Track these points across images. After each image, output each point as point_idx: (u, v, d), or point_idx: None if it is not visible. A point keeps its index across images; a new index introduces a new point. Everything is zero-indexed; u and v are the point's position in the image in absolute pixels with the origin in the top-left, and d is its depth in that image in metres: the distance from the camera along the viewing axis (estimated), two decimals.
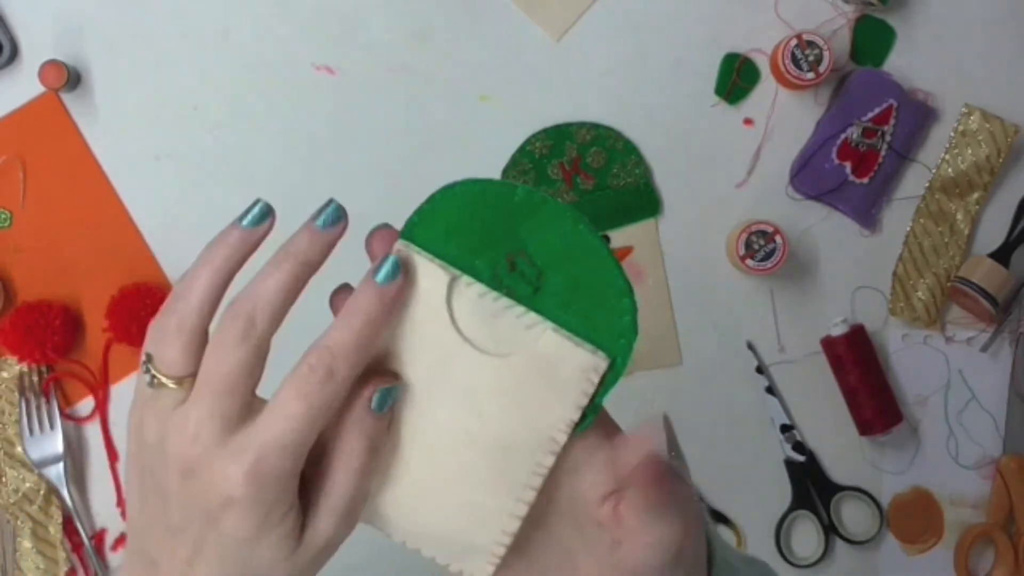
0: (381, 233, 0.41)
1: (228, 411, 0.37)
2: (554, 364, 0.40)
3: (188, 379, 0.38)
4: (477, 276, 0.40)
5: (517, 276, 0.40)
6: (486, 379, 0.40)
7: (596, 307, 0.40)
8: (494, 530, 0.41)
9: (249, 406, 0.38)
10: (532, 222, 0.40)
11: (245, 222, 0.40)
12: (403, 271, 0.39)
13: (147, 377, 0.39)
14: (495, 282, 0.40)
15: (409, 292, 0.40)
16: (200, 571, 0.39)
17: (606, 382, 0.40)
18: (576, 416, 0.40)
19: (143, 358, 0.39)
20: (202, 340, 0.38)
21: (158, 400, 0.38)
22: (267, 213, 0.41)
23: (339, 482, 0.39)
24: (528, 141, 0.89)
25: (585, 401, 0.40)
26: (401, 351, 0.40)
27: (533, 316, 0.40)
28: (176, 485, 0.38)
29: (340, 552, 0.41)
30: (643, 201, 0.90)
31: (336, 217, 0.40)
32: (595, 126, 0.90)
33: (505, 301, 0.40)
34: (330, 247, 0.40)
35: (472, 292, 0.40)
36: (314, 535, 0.39)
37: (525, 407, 0.40)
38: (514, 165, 0.90)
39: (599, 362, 0.40)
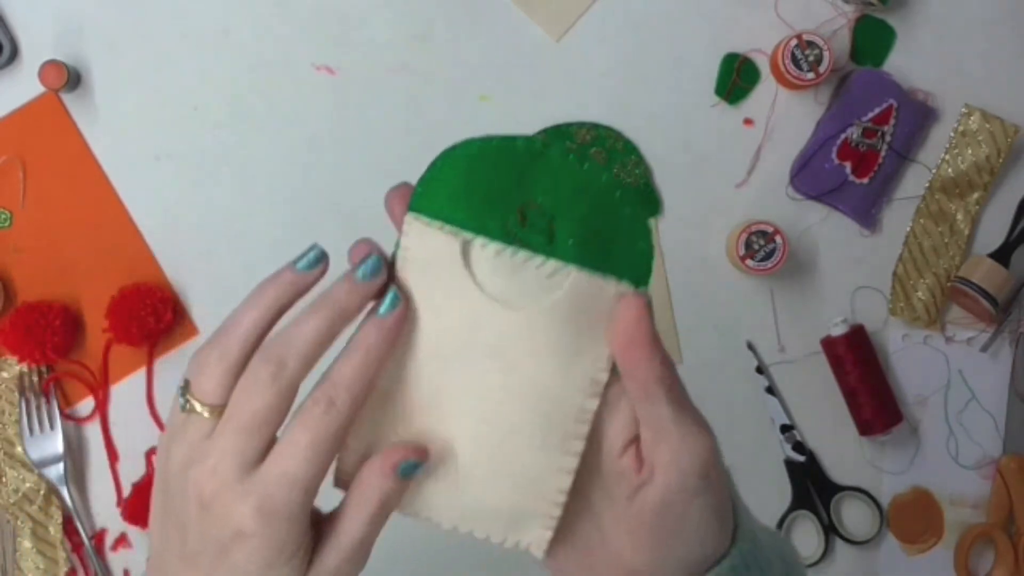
0: (400, 191, 0.41)
1: (248, 449, 0.38)
2: (582, 305, 0.40)
3: (220, 409, 0.39)
4: (489, 235, 0.40)
5: (529, 228, 0.40)
6: (518, 335, 0.40)
7: (612, 239, 0.40)
8: (548, 490, 0.41)
9: (269, 446, 0.39)
10: (536, 171, 0.40)
11: (299, 265, 0.41)
12: (403, 300, 0.39)
13: (181, 401, 0.40)
14: (508, 238, 0.40)
15: (427, 263, 0.40)
16: None
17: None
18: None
19: (180, 383, 0.40)
20: (240, 373, 0.39)
21: (188, 428, 0.39)
22: (321, 258, 0.41)
23: (350, 524, 0.39)
24: None
25: None
26: (430, 325, 0.40)
27: (553, 263, 0.40)
28: (194, 514, 0.39)
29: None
30: (643, 201, 0.90)
31: (376, 269, 0.40)
32: (595, 126, 0.90)
33: (523, 254, 0.40)
34: (368, 298, 0.40)
35: (488, 252, 0.40)
36: (320, 571, 0.39)
37: (561, 355, 0.40)
38: None
39: (625, 291, 0.40)
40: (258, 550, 0.38)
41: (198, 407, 0.39)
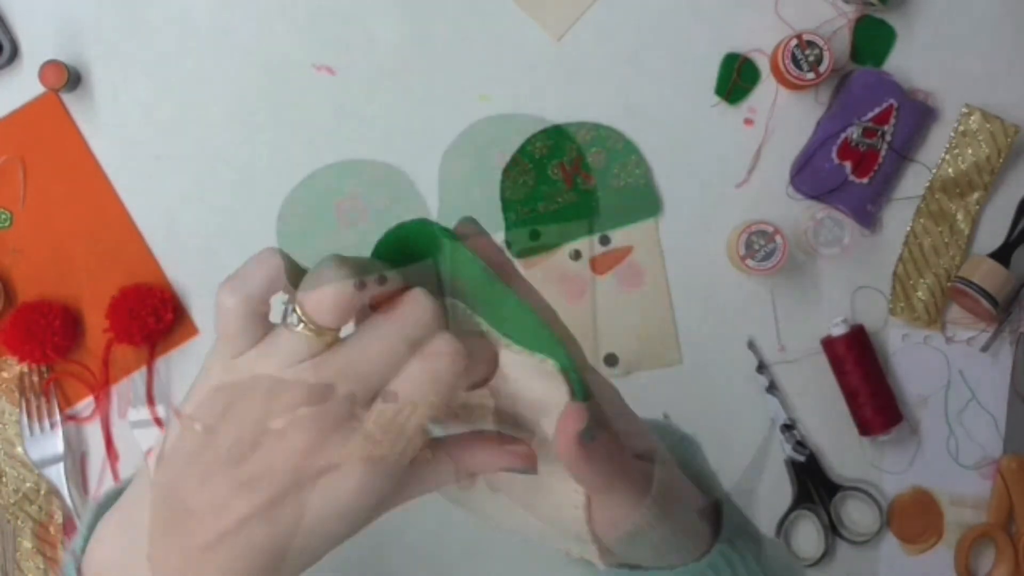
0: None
1: (373, 382, 0.36)
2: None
3: (328, 333, 0.37)
4: None
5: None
6: None
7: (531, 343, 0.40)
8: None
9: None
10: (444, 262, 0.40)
11: None
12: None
13: (293, 318, 0.37)
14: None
15: None
16: (252, 534, 0.36)
17: (571, 380, 0.40)
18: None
19: (285, 301, 0.38)
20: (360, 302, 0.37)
21: (282, 343, 0.37)
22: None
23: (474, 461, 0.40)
24: (528, 141, 0.89)
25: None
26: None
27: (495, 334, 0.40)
28: (274, 432, 0.36)
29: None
30: (643, 201, 0.90)
31: None
32: (595, 126, 0.90)
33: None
34: None
35: None
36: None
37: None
38: (514, 165, 0.90)
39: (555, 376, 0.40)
40: (353, 489, 0.36)
41: (304, 327, 0.36)
